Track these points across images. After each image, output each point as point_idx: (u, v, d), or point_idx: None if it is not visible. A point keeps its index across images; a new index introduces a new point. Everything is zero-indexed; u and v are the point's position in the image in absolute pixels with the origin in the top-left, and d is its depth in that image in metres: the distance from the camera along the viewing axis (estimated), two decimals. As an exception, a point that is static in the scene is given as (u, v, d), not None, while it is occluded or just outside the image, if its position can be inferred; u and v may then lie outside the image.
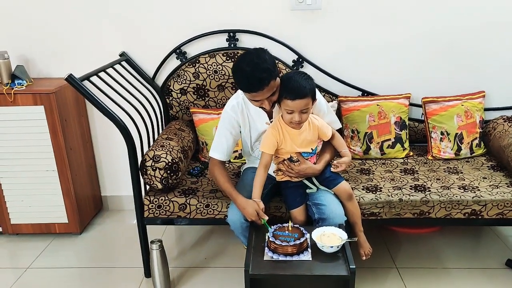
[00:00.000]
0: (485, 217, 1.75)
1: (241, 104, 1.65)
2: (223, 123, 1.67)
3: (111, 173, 2.46)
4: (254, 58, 1.45)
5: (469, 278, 1.88)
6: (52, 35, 2.18)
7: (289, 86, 1.49)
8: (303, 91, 1.48)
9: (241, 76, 1.47)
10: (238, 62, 1.50)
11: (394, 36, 2.14)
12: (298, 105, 1.49)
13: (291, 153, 1.61)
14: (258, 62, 1.44)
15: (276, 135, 1.58)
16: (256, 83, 1.44)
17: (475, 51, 2.15)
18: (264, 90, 1.46)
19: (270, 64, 1.46)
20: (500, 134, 2.05)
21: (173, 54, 2.18)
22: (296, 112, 1.50)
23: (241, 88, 1.52)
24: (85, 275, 1.98)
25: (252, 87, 1.46)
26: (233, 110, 1.65)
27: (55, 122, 2.02)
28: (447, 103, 2.10)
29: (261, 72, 1.43)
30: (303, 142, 1.60)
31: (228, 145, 1.66)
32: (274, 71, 1.47)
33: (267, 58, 1.47)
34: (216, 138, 1.68)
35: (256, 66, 1.43)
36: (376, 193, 1.77)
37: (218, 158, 1.66)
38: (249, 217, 1.56)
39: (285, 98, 1.50)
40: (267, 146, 1.59)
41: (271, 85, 1.46)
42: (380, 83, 2.20)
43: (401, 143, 2.10)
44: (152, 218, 1.80)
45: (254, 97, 1.51)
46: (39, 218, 2.20)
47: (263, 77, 1.43)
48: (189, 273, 1.96)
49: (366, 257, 1.70)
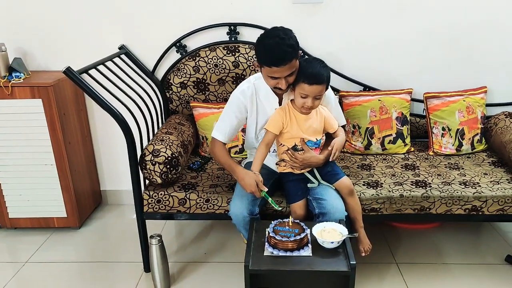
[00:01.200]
0: (486, 213, 1.75)
1: (251, 88, 1.65)
2: (230, 106, 1.66)
3: (111, 168, 2.44)
4: (281, 34, 1.47)
5: (469, 274, 1.88)
6: (51, 28, 2.16)
7: (308, 70, 1.51)
8: (321, 78, 1.51)
9: (266, 48, 1.48)
10: (263, 36, 1.52)
11: (396, 31, 2.12)
12: (314, 91, 1.51)
13: (295, 140, 1.61)
14: (284, 37, 1.46)
15: (283, 116, 1.59)
16: (280, 56, 1.45)
17: (477, 47, 2.14)
18: (286, 65, 1.47)
19: (295, 41, 1.48)
20: (501, 130, 2.04)
21: (173, 48, 2.16)
22: (310, 97, 1.53)
23: (264, 60, 1.50)
24: (84, 269, 1.98)
25: (275, 60, 1.46)
26: (242, 94, 1.65)
27: (53, 115, 2.00)
28: (449, 98, 2.09)
29: (287, 46, 1.45)
30: (309, 129, 1.61)
31: (231, 128, 1.66)
32: (297, 49, 1.49)
33: (293, 36, 1.49)
34: (221, 119, 1.68)
35: (283, 40, 1.45)
36: (377, 189, 1.77)
37: (220, 139, 1.66)
38: (249, 188, 1.56)
39: (303, 82, 1.51)
40: (272, 125, 1.60)
41: (292, 63, 1.48)
42: (381, 78, 2.19)
43: (402, 139, 2.09)
44: (151, 213, 1.79)
45: (273, 73, 1.50)
46: (38, 212, 2.19)
47: (288, 52, 1.45)
48: (189, 268, 1.95)
49: (365, 253, 1.70)
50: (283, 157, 1.65)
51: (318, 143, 1.65)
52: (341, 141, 1.67)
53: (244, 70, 2.13)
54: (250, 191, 1.57)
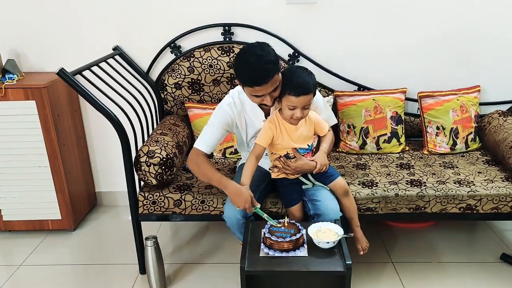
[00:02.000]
0: (480, 211, 1.75)
1: (238, 103, 1.61)
2: (216, 118, 1.61)
3: (106, 169, 2.43)
4: (258, 51, 1.42)
5: (464, 272, 1.89)
6: (44, 29, 2.14)
7: (293, 82, 1.46)
8: (308, 87, 1.46)
9: (246, 68, 1.43)
10: (241, 55, 1.46)
11: (390, 31, 2.13)
12: (302, 101, 1.47)
13: (287, 149, 1.60)
14: (262, 54, 1.41)
15: (273, 129, 1.56)
16: (261, 75, 1.41)
17: (470, 46, 2.15)
18: (268, 83, 1.42)
19: (274, 57, 1.43)
20: (495, 129, 2.05)
21: (167, 48, 2.15)
22: (298, 108, 1.48)
23: (245, 81, 1.46)
24: (79, 272, 1.96)
25: (256, 79, 1.42)
26: (230, 107, 1.60)
27: (47, 117, 1.99)
28: (443, 97, 2.09)
29: (266, 63, 1.40)
30: (300, 137, 1.59)
31: (217, 140, 1.61)
32: (278, 64, 1.44)
33: (271, 51, 1.45)
34: (206, 130, 1.61)
35: (261, 57, 1.40)
36: (372, 188, 1.77)
37: (204, 150, 1.59)
38: (242, 205, 1.48)
39: (289, 94, 1.46)
40: (262, 139, 1.57)
41: (274, 78, 1.43)
42: (376, 77, 2.20)
43: (397, 138, 2.10)
44: (146, 215, 1.79)
45: (256, 92, 1.46)
46: (32, 215, 2.18)
47: (268, 69, 1.40)
48: (185, 270, 1.94)
49: (363, 251, 1.70)
50: (276, 164, 1.64)
51: (310, 148, 1.63)
52: (324, 152, 1.64)
53: (239, 71, 2.12)
54: (243, 208, 1.50)
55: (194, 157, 1.62)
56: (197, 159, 1.60)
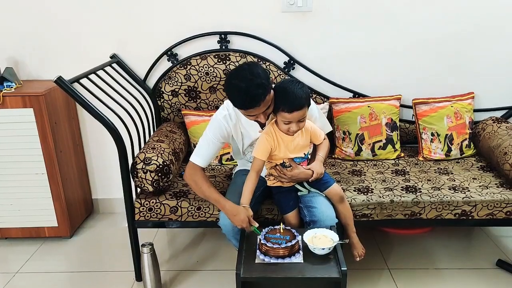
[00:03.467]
0: (475, 217, 1.76)
1: (233, 116, 1.60)
2: (212, 130, 1.61)
3: (102, 176, 2.43)
4: (248, 74, 1.40)
5: (461, 279, 1.89)
6: (42, 37, 2.16)
7: (286, 98, 1.45)
8: (300, 102, 1.46)
9: (236, 94, 1.43)
10: (231, 79, 1.45)
11: (384, 38, 2.15)
12: (296, 116, 1.48)
13: (283, 159, 1.61)
14: (252, 78, 1.39)
15: (271, 141, 1.56)
16: (252, 100, 1.41)
17: (464, 53, 2.17)
18: (260, 106, 1.43)
19: (264, 79, 1.41)
20: (489, 135, 2.07)
21: (164, 56, 2.17)
22: (293, 122, 1.49)
23: (236, 105, 1.48)
24: (75, 279, 1.96)
25: (248, 104, 1.42)
26: (225, 119, 1.60)
27: (44, 124, 2.00)
28: (437, 104, 2.11)
29: (256, 88, 1.39)
30: (296, 147, 1.60)
31: (212, 153, 1.62)
32: (268, 85, 1.43)
33: (260, 72, 1.42)
34: (201, 144, 1.62)
35: (251, 82, 1.39)
36: (368, 195, 1.78)
37: (200, 165, 1.61)
38: (240, 224, 1.52)
39: (282, 111, 1.47)
40: (260, 152, 1.57)
41: (266, 100, 1.43)
42: (371, 84, 2.21)
43: (392, 144, 2.11)
44: (143, 221, 1.79)
45: (249, 113, 1.47)
46: (29, 222, 2.17)
47: (258, 93, 1.40)
48: (181, 277, 1.94)
49: (359, 258, 1.70)
50: (272, 172, 1.64)
51: (306, 156, 1.64)
52: (320, 161, 1.65)
53: (235, 78, 2.14)
54: (241, 227, 1.52)
55: (191, 172, 1.62)
56: (195, 175, 1.61)
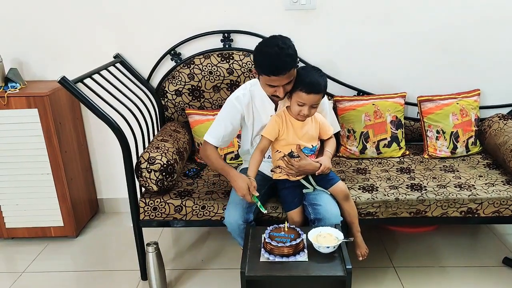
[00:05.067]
0: (482, 215, 1.75)
1: (247, 96, 1.65)
2: (225, 112, 1.66)
3: (107, 176, 2.44)
4: (280, 43, 1.47)
5: (466, 277, 1.88)
6: (46, 38, 2.17)
7: (307, 79, 1.52)
8: (319, 87, 1.53)
9: (265, 57, 1.48)
10: (262, 44, 1.52)
11: (389, 35, 2.14)
12: (312, 100, 1.53)
13: (292, 146, 1.61)
14: (283, 47, 1.47)
15: (280, 123, 1.60)
16: (280, 66, 1.46)
17: (469, 50, 2.15)
18: (285, 75, 1.48)
19: (294, 51, 1.50)
20: (495, 132, 2.05)
21: (167, 56, 2.17)
22: (307, 106, 1.54)
23: (262, 70, 1.51)
24: (81, 278, 1.97)
25: (274, 69, 1.47)
26: (238, 100, 1.64)
27: (49, 125, 2.01)
28: (443, 101, 2.10)
29: (286, 56, 1.46)
30: (305, 135, 1.62)
31: (226, 133, 1.65)
32: (296, 59, 1.51)
33: (291, 45, 1.50)
34: (215, 124, 1.67)
35: (282, 50, 1.46)
36: (373, 193, 1.77)
37: (213, 143, 1.66)
38: (240, 191, 1.56)
39: (300, 91, 1.53)
40: (268, 132, 1.61)
41: (291, 72, 1.49)
42: (375, 82, 2.20)
43: (397, 142, 2.10)
44: (148, 221, 1.79)
45: (271, 82, 1.51)
46: (35, 222, 2.19)
47: (287, 61, 1.46)
48: (186, 275, 1.95)
49: (362, 257, 1.70)
50: (279, 163, 1.65)
51: (313, 149, 1.65)
52: (328, 157, 1.67)
53: (238, 77, 2.14)
54: (242, 195, 1.56)
55: (204, 148, 1.70)
56: (204, 151, 1.69)
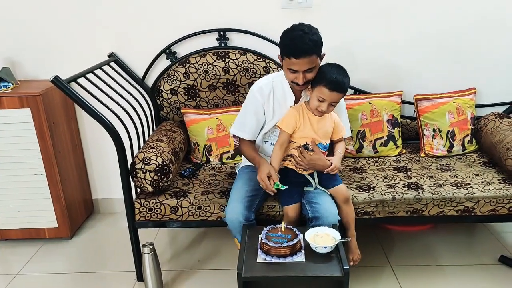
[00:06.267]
0: (478, 213, 1.75)
1: (269, 86, 1.66)
2: (248, 105, 1.69)
3: (102, 176, 2.42)
4: (306, 28, 1.50)
5: (463, 275, 1.88)
6: (39, 36, 2.14)
7: (332, 76, 1.52)
8: (343, 86, 1.54)
9: (288, 40, 1.50)
10: (289, 28, 1.54)
11: (385, 34, 2.13)
12: (333, 97, 1.53)
13: (307, 139, 1.62)
14: (308, 32, 1.49)
15: (297, 116, 1.60)
16: (300, 48, 1.47)
17: (465, 48, 2.15)
18: (305, 58, 1.48)
19: (319, 38, 1.51)
20: (491, 131, 2.06)
21: (162, 54, 2.15)
22: (326, 102, 1.54)
23: (284, 51, 1.52)
24: (76, 280, 1.95)
25: (294, 51, 1.48)
26: (259, 92, 1.66)
27: (42, 125, 1.98)
28: (439, 100, 2.10)
29: (309, 40, 1.47)
30: (320, 130, 1.63)
31: (252, 126, 1.70)
32: (320, 46, 1.52)
33: (317, 33, 1.52)
34: (240, 117, 1.72)
35: (306, 34, 1.48)
36: (369, 192, 1.76)
37: (246, 138, 1.72)
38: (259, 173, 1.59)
39: (324, 86, 1.52)
40: (285, 124, 1.61)
41: (312, 58, 1.49)
42: (372, 81, 2.20)
43: (393, 141, 2.09)
44: (143, 222, 1.77)
45: (292, 65, 1.52)
46: (28, 223, 2.16)
47: (308, 45, 1.47)
48: (183, 276, 1.93)
49: (354, 263, 1.69)
50: (292, 152, 1.65)
51: (326, 146, 1.67)
52: (339, 158, 1.68)
53: (234, 76, 2.12)
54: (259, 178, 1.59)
55: (240, 146, 1.78)
56: (242, 147, 1.76)
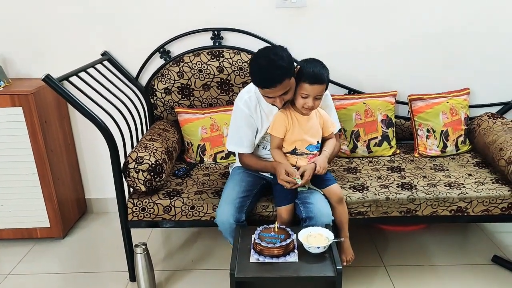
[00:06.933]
0: (471, 214, 1.75)
1: (254, 99, 1.64)
2: (237, 120, 1.66)
3: (96, 175, 2.40)
4: (271, 55, 1.46)
5: (456, 275, 1.88)
6: (32, 34, 2.12)
7: (309, 70, 1.52)
8: (322, 77, 1.53)
9: (256, 70, 1.49)
10: (255, 56, 1.51)
11: (380, 34, 2.13)
12: (315, 91, 1.53)
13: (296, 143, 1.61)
14: (274, 58, 1.44)
15: (285, 119, 1.60)
16: (269, 79, 1.45)
17: (459, 49, 2.15)
18: (276, 87, 1.46)
19: (286, 62, 1.46)
20: (484, 131, 2.06)
21: (156, 53, 2.14)
22: (311, 97, 1.54)
23: (255, 82, 1.53)
24: (68, 280, 1.93)
25: (264, 83, 1.47)
26: (246, 105, 1.64)
27: (34, 124, 1.96)
28: (433, 100, 2.10)
29: (276, 68, 1.44)
30: (310, 130, 1.62)
31: (248, 139, 1.67)
32: (289, 69, 1.48)
33: (284, 56, 1.47)
34: (233, 132, 1.69)
35: (272, 62, 1.44)
36: (363, 192, 1.76)
37: (243, 151, 1.69)
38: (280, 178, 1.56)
39: (304, 82, 1.52)
40: (276, 129, 1.61)
41: (284, 83, 1.47)
42: (366, 81, 2.20)
43: (387, 141, 2.09)
44: (136, 221, 1.76)
45: (266, 93, 1.52)
46: (20, 223, 2.14)
47: (276, 74, 1.44)
48: (176, 276, 1.92)
49: (347, 263, 1.69)
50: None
51: (318, 146, 1.66)
52: (326, 156, 1.65)
53: (229, 75, 2.11)
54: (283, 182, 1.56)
55: (240, 159, 1.74)
56: (244, 161, 1.72)
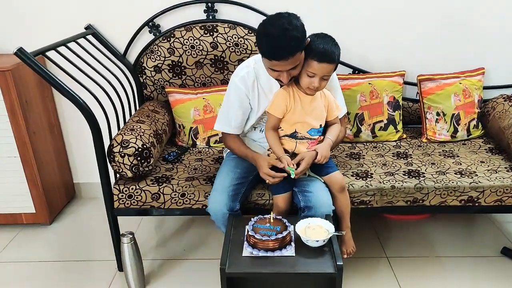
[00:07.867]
0: (483, 204, 1.64)
1: (252, 74, 1.50)
2: (230, 97, 1.54)
3: (84, 159, 2.29)
4: (285, 23, 1.30)
5: (463, 267, 1.79)
6: (9, 6, 1.96)
7: (319, 47, 1.37)
8: (332, 56, 1.39)
9: (266, 40, 1.32)
10: (265, 24, 1.34)
11: (388, 9, 1.97)
12: (324, 70, 1.39)
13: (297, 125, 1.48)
14: (288, 28, 1.29)
15: (287, 97, 1.46)
16: (281, 51, 1.31)
17: (474, 25, 2.00)
18: (288, 60, 1.32)
19: (300, 33, 1.32)
20: (499, 115, 1.92)
21: (145, 28, 1.99)
22: (317, 77, 1.40)
23: (263, 53, 1.36)
24: (55, 268, 1.85)
25: (274, 54, 1.32)
26: (242, 81, 1.50)
27: (13, 103, 1.83)
28: (444, 81, 1.96)
29: (289, 40, 1.29)
30: (313, 111, 1.49)
31: (237, 119, 1.55)
32: (303, 42, 1.34)
33: (299, 25, 1.32)
34: (223, 110, 1.57)
35: (285, 32, 1.29)
36: (367, 180, 1.64)
37: (229, 132, 1.58)
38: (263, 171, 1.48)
39: (312, 59, 1.38)
40: (274, 108, 1.48)
41: (295, 57, 1.33)
42: (372, 59, 2.06)
43: (394, 125, 1.96)
44: (123, 209, 1.65)
45: (273, 66, 1.37)
46: (4, 208, 2.04)
47: (290, 46, 1.30)
48: (166, 266, 1.83)
49: (348, 255, 1.60)
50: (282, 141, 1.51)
51: (320, 130, 1.53)
52: (329, 144, 1.52)
53: (223, 52, 1.96)
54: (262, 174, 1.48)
55: (224, 139, 1.64)
56: (225, 142, 1.63)
